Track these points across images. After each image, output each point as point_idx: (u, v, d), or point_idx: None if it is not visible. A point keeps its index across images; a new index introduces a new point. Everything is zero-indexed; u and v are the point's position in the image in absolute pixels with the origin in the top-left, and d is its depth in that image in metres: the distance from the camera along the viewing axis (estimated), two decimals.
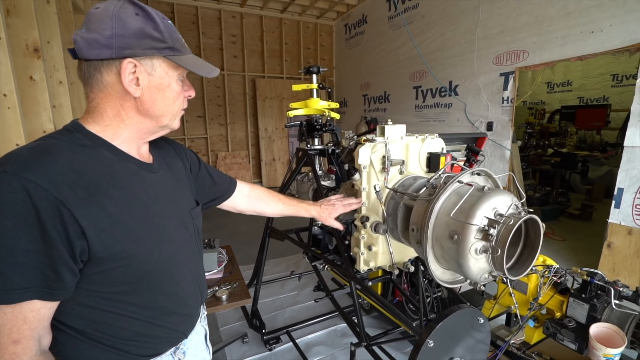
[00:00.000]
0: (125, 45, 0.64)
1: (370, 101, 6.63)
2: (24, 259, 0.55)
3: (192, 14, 6.35)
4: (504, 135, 4.01)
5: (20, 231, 0.55)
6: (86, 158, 0.64)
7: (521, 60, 3.72)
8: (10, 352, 0.57)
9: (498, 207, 0.97)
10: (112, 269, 0.65)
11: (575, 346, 1.52)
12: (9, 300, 0.55)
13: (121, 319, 0.69)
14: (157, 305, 0.74)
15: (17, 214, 0.54)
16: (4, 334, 0.56)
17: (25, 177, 0.55)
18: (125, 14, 0.65)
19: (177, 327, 0.80)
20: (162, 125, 0.75)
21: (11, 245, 0.54)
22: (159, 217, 0.74)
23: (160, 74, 0.70)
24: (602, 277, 1.51)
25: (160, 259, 0.73)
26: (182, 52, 0.71)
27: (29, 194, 0.55)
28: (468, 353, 1.25)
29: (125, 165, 0.71)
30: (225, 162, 6.98)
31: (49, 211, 0.56)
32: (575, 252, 3.66)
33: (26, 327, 0.58)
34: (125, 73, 0.66)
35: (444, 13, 4.68)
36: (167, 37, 0.68)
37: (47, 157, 0.59)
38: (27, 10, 1.91)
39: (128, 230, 0.66)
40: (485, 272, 1.02)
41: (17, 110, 1.69)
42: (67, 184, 0.58)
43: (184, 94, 0.76)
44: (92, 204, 0.61)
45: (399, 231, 1.25)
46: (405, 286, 1.95)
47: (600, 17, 2.98)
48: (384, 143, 1.24)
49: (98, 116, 0.69)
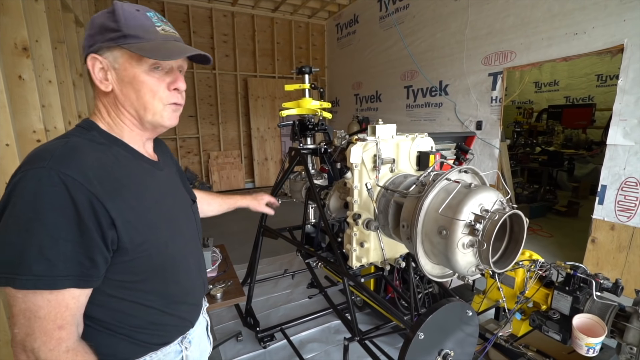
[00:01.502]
0: (91, 43, 0.67)
1: (362, 100, 6.68)
2: (64, 249, 0.59)
3: (183, 12, 6.30)
4: (492, 134, 4.09)
5: (61, 222, 0.58)
6: (106, 155, 0.67)
7: (509, 61, 3.80)
8: (57, 337, 0.60)
9: (484, 203, 1.01)
10: (135, 259, 0.68)
11: (560, 337, 1.58)
12: (55, 286, 0.59)
13: (136, 307, 0.72)
14: (169, 294, 0.77)
15: (58, 206, 0.58)
16: (49, 320, 0.59)
17: (63, 172, 0.59)
18: (98, 15, 0.68)
19: (185, 316, 0.83)
20: (148, 121, 0.73)
21: (55, 235, 0.58)
22: (169, 212, 0.78)
23: (123, 66, 0.68)
24: (584, 270, 1.57)
25: (173, 250, 0.77)
26: (145, 39, 0.67)
27: (67, 188, 0.58)
28: (458, 346, 1.29)
29: (138, 163, 0.75)
30: (218, 162, 6.95)
31: (85, 203, 0.60)
32: (562, 247, 3.76)
33: (68, 313, 0.61)
34: (93, 69, 0.68)
35: (434, 14, 4.75)
36: (123, 25, 0.66)
37: (78, 153, 0.63)
38: (15, 9, 1.88)
39: (148, 223, 0.70)
40: (473, 265, 1.06)
41: (7, 110, 1.67)
42: (97, 179, 0.62)
43: (168, 86, 0.73)
44: (118, 197, 0.65)
45: (390, 228, 1.28)
46: (397, 283, 1.99)
47: (584, 19, 3.07)
48: (375, 142, 1.28)
49: (99, 115, 0.74)
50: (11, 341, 0.60)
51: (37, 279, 0.57)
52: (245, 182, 7.22)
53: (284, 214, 3.72)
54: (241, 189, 7.02)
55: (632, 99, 2.74)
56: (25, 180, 0.58)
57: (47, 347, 0.59)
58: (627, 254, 2.80)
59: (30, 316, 0.58)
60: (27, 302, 0.58)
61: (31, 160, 0.61)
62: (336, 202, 1.63)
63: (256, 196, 1.47)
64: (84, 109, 3.17)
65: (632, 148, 2.76)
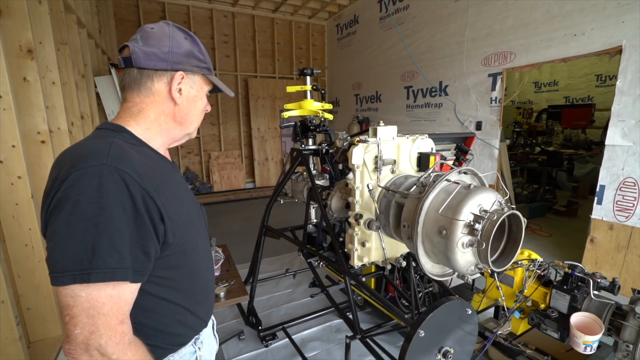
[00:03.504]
0: (178, 61, 0.77)
1: (362, 101, 6.70)
2: (129, 242, 0.61)
3: (184, 13, 6.32)
4: (492, 134, 4.12)
5: (124, 217, 0.61)
6: (142, 156, 0.71)
7: (508, 62, 3.82)
8: (120, 331, 0.62)
9: (483, 203, 1.03)
10: (174, 253, 0.72)
11: (558, 335, 1.60)
12: (128, 277, 0.61)
13: (164, 304, 0.74)
14: (193, 292, 0.81)
15: (120, 201, 0.61)
16: (112, 316, 0.61)
17: (122, 169, 0.62)
18: (178, 36, 0.79)
19: (202, 316, 0.86)
20: (188, 132, 0.86)
21: (121, 229, 0.60)
22: (191, 212, 0.83)
23: (197, 88, 0.83)
24: (582, 269, 1.59)
25: (198, 247, 0.81)
26: (212, 72, 0.86)
27: (126, 184, 0.62)
28: (457, 344, 1.31)
29: (164, 164, 0.80)
30: (218, 162, 6.97)
31: (140, 198, 0.63)
32: (561, 247, 3.79)
33: (126, 308, 0.64)
34: (175, 83, 0.78)
35: (433, 15, 4.77)
36: (207, 60, 0.84)
37: (126, 152, 0.66)
38: (20, 11, 1.90)
39: (182, 220, 0.74)
40: (472, 264, 1.08)
41: (13, 112, 1.69)
42: (145, 176, 0.66)
43: (206, 107, 0.88)
44: (161, 194, 0.68)
45: (391, 228, 1.30)
46: (397, 282, 2.01)
47: (582, 21, 3.09)
48: (377, 144, 1.30)
49: (141, 119, 0.78)
50: (66, 343, 0.60)
51: (112, 271, 0.59)
52: (245, 182, 7.24)
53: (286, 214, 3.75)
54: (242, 189, 7.04)
55: (631, 100, 2.76)
56: (86, 177, 0.59)
57: (114, 341, 0.61)
58: (626, 253, 2.82)
59: (93, 313, 0.59)
60: (91, 299, 0.59)
61: (84, 158, 0.62)
62: (338, 202, 1.65)
63: None
64: (86, 109, 3.19)
65: (631, 148, 2.78)
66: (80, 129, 2.82)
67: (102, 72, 4.11)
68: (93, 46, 3.73)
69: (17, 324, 1.57)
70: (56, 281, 0.58)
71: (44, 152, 2.09)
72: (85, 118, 3.12)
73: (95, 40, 3.81)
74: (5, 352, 1.53)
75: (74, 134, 2.65)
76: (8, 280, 1.54)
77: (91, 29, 3.57)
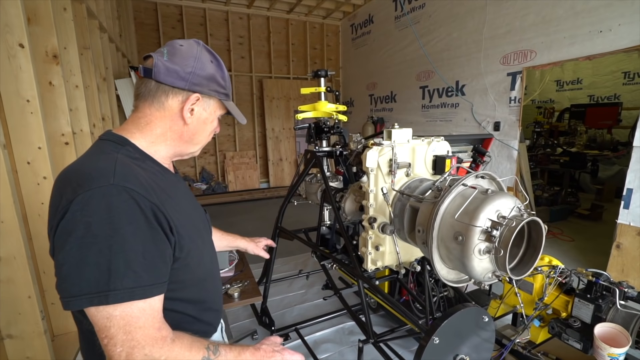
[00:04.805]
0: (198, 83, 0.77)
1: (377, 101, 6.64)
2: (146, 259, 0.63)
3: (200, 15, 6.44)
4: (511, 135, 4.00)
5: (138, 234, 0.62)
6: (145, 170, 0.72)
7: (529, 60, 3.71)
8: (160, 337, 0.64)
9: (501, 209, 1.00)
10: (181, 266, 0.73)
11: (580, 346, 1.54)
12: (146, 294, 0.63)
13: (171, 314, 0.75)
14: (200, 301, 0.82)
15: (133, 220, 0.62)
16: (149, 327, 0.63)
17: (129, 188, 0.63)
18: (204, 58, 0.79)
19: (211, 322, 0.88)
20: (191, 151, 0.87)
21: (135, 247, 0.62)
22: (196, 222, 0.84)
23: (210, 112, 0.83)
24: (607, 277, 1.52)
25: (206, 259, 0.83)
26: (230, 98, 0.87)
27: (136, 201, 0.63)
28: (473, 351, 1.28)
29: (166, 176, 0.80)
30: (233, 162, 7.06)
31: (151, 213, 0.65)
32: (584, 252, 3.64)
33: (159, 315, 0.66)
34: (189, 103, 0.78)
35: (450, 13, 4.68)
36: (227, 86, 0.85)
37: (131, 169, 0.67)
38: (46, 18, 1.98)
39: (188, 232, 0.75)
40: (489, 272, 1.05)
41: (39, 115, 1.76)
42: (152, 190, 0.67)
43: (215, 129, 0.89)
44: (168, 207, 0.70)
45: (405, 232, 1.29)
46: (412, 285, 1.98)
47: (609, 16, 2.96)
48: (391, 147, 1.28)
49: (147, 131, 0.78)
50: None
51: (131, 291, 0.60)
52: (260, 182, 7.31)
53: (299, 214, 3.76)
54: (256, 188, 7.12)
55: None
56: (94, 198, 0.60)
57: (157, 347, 0.63)
58: None
59: (130, 329, 0.61)
60: (125, 317, 0.61)
61: (91, 178, 0.62)
62: (351, 205, 1.64)
63: (254, 239, 1.52)
64: (107, 111, 3.30)
65: None
66: (102, 130, 2.92)
67: (122, 74, 4.24)
68: (114, 50, 3.85)
69: (43, 319, 1.63)
70: (71, 305, 0.59)
71: (68, 153, 2.17)
72: (106, 120, 3.23)
73: (116, 44, 3.93)
74: (31, 345, 1.60)
75: (95, 135, 2.74)
76: (34, 277, 1.61)
77: (112, 34, 3.69)
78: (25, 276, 1.55)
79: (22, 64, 1.69)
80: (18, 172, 1.79)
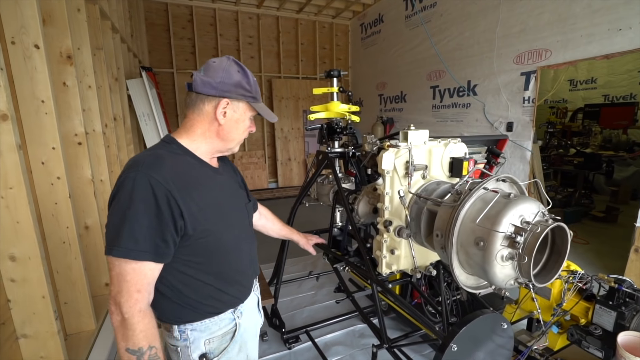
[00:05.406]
0: (226, 90, 0.94)
1: (387, 101, 6.59)
2: (146, 231, 0.80)
3: (210, 16, 6.46)
4: (524, 135, 3.92)
5: (146, 211, 0.80)
6: (180, 163, 0.91)
7: (543, 59, 3.62)
8: (135, 297, 0.82)
9: (525, 214, 0.97)
10: (196, 243, 0.90)
11: (602, 354, 1.49)
12: (138, 257, 0.80)
13: (198, 283, 0.94)
14: (224, 275, 0.99)
15: (145, 200, 0.80)
16: (131, 284, 0.81)
17: (150, 175, 0.82)
18: (231, 69, 0.95)
19: (236, 295, 1.04)
20: (229, 147, 1.03)
21: (140, 221, 0.80)
22: (226, 208, 1.01)
23: (240, 113, 0.99)
24: (630, 284, 1.47)
25: (228, 238, 0.99)
26: (258, 100, 1.01)
27: (152, 186, 0.81)
28: (490, 357, 1.25)
29: (203, 169, 0.98)
30: (242, 162, 7.08)
31: (163, 198, 0.82)
32: (600, 256, 3.55)
33: (145, 281, 0.83)
34: (220, 107, 0.95)
35: (462, 12, 4.61)
36: (253, 90, 0.99)
37: (160, 161, 0.86)
38: (61, 19, 1.99)
39: (207, 216, 0.92)
40: (511, 278, 1.02)
41: (54, 116, 1.77)
42: (172, 180, 0.84)
43: (249, 128, 1.04)
44: (186, 195, 0.86)
45: (422, 236, 1.26)
46: (424, 288, 1.95)
47: (628, 14, 2.87)
48: (408, 149, 1.26)
49: (191, 132, 0.97)
50: (109, 295, 0.83)
51: (127, 251, 0.79)
52: (268, 182, 7.31)
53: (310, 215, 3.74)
54: (265, 188, 7.12)
55: None
56: (127, 180, 0.82)
57: (128, 303, 0.81)
58: None
59: (120, 279, 0.80)
60: (120, 268, 0.80)
61: (131, 166, 0.84)
62: (365, 207, 1.62)
63: (307, 235, 1.71)
64: (119, 111, 3.32)
65: None
66: (113, 130, 2.94)
67: (134, 75, 4.27)
68: (125, 50, 3.88)
69: (56, 319, 1.64)
70: (105, 251, 0.82)
71: (81, 153, 2.19)
72: (118, 120, 3.25)
73: (128, 45, 3.96)
74: (45, 345, 1.61)
75: (107, 135, 2.76)
76: (48, 277, 1.62)
77: (124, 34, 3.71)
78: (40, 276, 1.55)
79: (38, 65, 1.70)
80: (33, 172, 1.80)
